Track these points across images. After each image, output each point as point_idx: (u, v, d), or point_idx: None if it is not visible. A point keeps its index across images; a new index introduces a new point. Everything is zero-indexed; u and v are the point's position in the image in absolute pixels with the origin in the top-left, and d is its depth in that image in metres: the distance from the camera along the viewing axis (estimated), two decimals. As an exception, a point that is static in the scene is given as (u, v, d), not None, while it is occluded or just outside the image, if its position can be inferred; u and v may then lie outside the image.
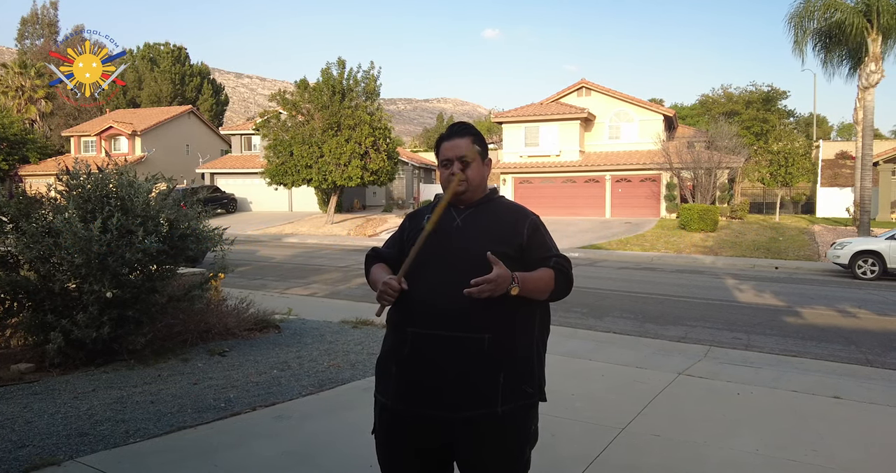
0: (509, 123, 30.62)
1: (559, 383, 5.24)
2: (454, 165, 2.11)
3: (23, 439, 3.79)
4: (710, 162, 25.06)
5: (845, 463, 3.69)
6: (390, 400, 2.08)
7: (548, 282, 2.04)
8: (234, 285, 10.41)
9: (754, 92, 47.20)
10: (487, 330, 1.98)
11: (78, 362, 5.38)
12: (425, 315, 2.00)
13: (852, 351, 7.12)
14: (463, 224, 2.11)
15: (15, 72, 41.77)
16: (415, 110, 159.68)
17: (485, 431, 2.01)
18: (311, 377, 5.28)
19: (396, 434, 2.08)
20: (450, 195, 2.09)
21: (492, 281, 1.87)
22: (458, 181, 2.09)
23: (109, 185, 5.58)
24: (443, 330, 1.98)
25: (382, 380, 2.13)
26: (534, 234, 2.12)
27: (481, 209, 2.15)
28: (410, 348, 2.03)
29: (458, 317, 1.97)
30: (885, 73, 20.71)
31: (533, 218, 2.16)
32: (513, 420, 2.04)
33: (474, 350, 1.98)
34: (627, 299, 10.66)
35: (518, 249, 2.07)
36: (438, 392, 1.99)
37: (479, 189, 2.16)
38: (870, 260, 14.25)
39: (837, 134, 61.12)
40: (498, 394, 2.00)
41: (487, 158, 2.20)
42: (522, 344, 2.08)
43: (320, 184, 25.80)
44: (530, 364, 2.10)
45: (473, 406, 1.99)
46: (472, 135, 2.16)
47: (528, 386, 2.08)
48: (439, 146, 2.17)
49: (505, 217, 2.14)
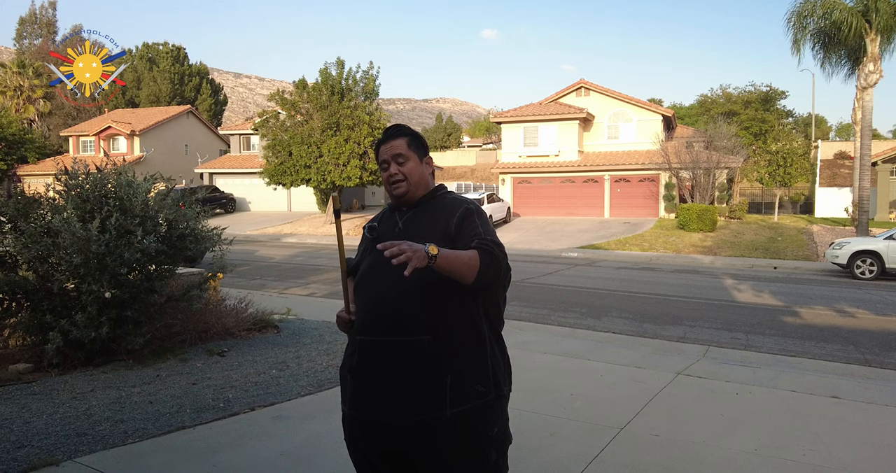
0: (508, 123, 30.62)
1: (558, 383, 5.25)
2: (391, 166, 2.11)
3: (21, 439, 3.79)
4: (709, 162, 25.07)
5: (843, 463, 3.69)
6: (346, 409, 2.10)
7: (470, 259, 1.89)
8: (232, 285, 10.41)
9: (753, 92, 47.21)
10: (428, 332, 1.96)
11: (76, 362, 5.38)
12: (369, 322, 2.01)
13: (851, 351, 7.13)
14: (404, 227, 2.10)
15: (13, 71, 41.68)
16: (413, 110, 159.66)
17: (437, 435, 1.97)
18: (310, 377, 5.28)
19: (357, 442, 2.09)
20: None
21: (400, 244, 1.73)
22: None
23: (108, 185, 5.58)
24: (385, 335, 1.98)
25: (342, 389, 2.15)
26: (463, 222, 2.04)
27: (422, 208, 2.13)
28: (359, 356, 2.04)
29: (399, 322, 1.96)
30: (883, 73, 20.74)
31: (467, 206, 2.09)
32: (466, 423, 1.98)
33: (415, 353, 1.96)
34: (626, 299, 10.67)
35: (449, 241, 1.99)
36: (387, 398, 1.98)
37: (420, 187, 2.14)
38: (868, 260, 14.27)
39: (836, 134, 61.25)
40: (446, 397, 1.96)
41: (427, 157, 2.19)
42: (470, 342, 2.03)
43: (319, 183, 25.79)
44: (483, 362, 2.04)
45: (421, 411, 1.96)
46: (407, 135, 2.16)
47: (481, 385, 2.01)
48: (378, 151, 2.18)
49: (442, 212, 2.10)
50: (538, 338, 7.03)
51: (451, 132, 72.08)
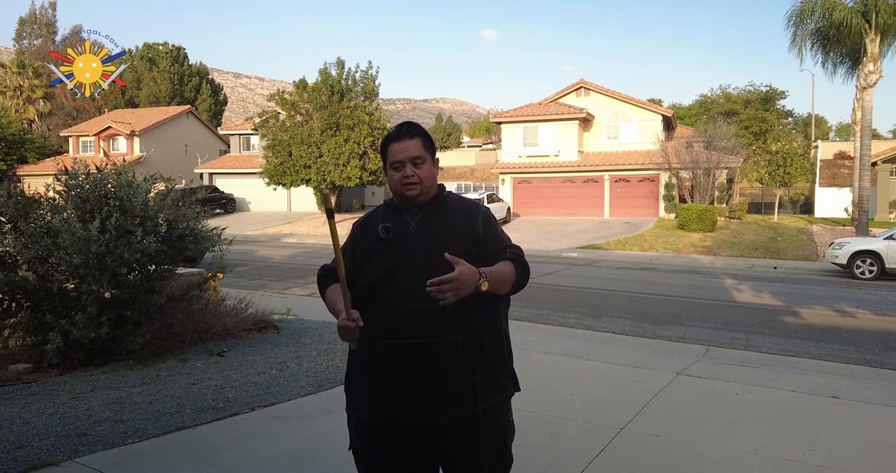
0: (508, 123, 30.62)
1: (557, 383, 5.25)
2: (407, 167, 2.05)
3: (21, 439, 3.79)
4: (709, 162, 25.07)
5: (843, 463, 3.69)
6: (365, 415, 2.04)
7: (510, 275, 2.02)
8: (232, 285, 10.40)
9: (753, 92, 47.23)
10: (460, 331, 1.96)
11: (76, 362, 5.38)
12: (396, 326, 1.96)
13: (851, 351, 7.13)
14: (419, 227, 2.06)
15: (13, 71, 41.66)
16: (413, 110, 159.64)
17: (467, 431, 2.00)
18: (310, 377, 5.28)
19: (377, 448, 2.05)
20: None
21: (453, 280, 1.80)
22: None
23: (108, 185, 5.58)
24: (414, 338, 1.94)
25: (354, 396, 2.10)
26: (487, 227, 2.10)
27: (434, 209, 2.11)
28: (383, 361, 1.99)
29: (430, 323, 1.94)
30: (883, 73, 20.73)
31: (484, 210, 2.14)
32: (492, 417, 2.04)
33: (449, 353, 1.96)
34: (626, 299, 10.67)
35: (476, 245, 2.04)
36: (417, 400, 1.96)
37: (432, 189, 2.12)
38: (868, 260, 14.27)
39: (836, 134, 61.25)
40: (477, 394, 2.00)
41: (436, 158, 2.17)
42: (494, 339, 2.08)
43: (319, 184, 25.79)
44: (503, 358, 2.11)
45: (454, 410, 1.97)
46: (421, 135, 2.11)
47: (504, 380, 2.09)
48: (387, 148, 2.09)
49: (458, 213, 2.11)
50: (538, 338, 7.03)
51: (451, 132, 72.11)
